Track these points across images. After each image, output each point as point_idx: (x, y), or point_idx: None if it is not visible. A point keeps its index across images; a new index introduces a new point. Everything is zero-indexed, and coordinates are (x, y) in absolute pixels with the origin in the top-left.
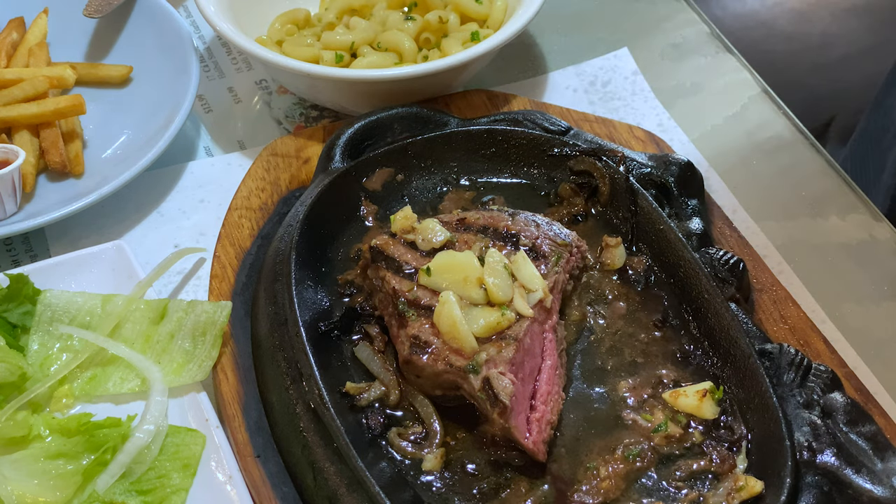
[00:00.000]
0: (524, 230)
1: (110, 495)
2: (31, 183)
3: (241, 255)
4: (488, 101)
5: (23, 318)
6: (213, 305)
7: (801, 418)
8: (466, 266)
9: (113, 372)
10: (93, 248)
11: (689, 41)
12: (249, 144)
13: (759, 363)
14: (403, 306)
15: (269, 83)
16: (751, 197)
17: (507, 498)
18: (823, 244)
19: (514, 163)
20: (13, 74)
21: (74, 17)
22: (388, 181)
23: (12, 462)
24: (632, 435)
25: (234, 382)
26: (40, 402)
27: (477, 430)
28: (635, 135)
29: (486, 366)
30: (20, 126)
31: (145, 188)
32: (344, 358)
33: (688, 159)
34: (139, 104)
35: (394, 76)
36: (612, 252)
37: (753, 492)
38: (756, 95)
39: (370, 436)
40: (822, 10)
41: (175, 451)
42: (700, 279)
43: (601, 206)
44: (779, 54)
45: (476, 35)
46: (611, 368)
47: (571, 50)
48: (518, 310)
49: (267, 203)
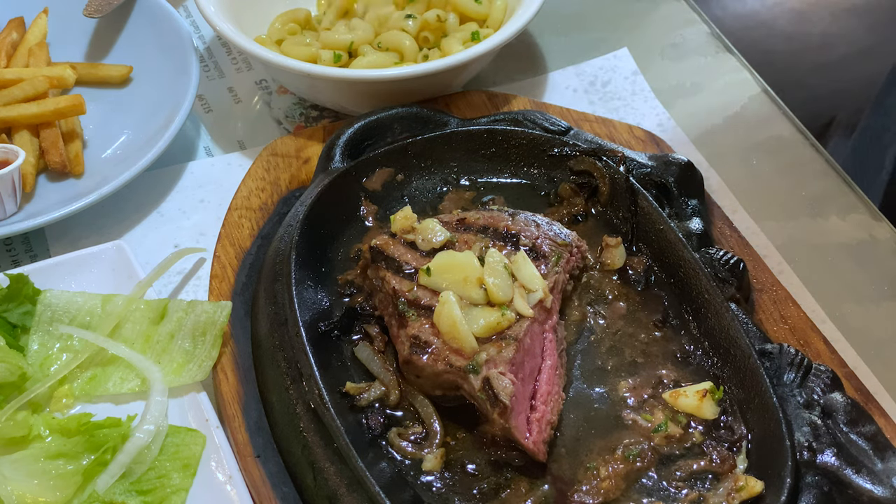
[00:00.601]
0: (524, 230)
1: (110, 495)
2: (31, 183)
3: (241, 255)
4: (488, 101)
5: (23, 318)
6: (213, 305)
7: (801, 418)
8: (466, 266)
9: (113, 372)
10: (93, 248)
11: (689, 41)
12: (249, 144)
13: (759, 363)
14: (403, 306)
15: (269, 83)
16: (751, 197)
17: (507, 498)
18: (823, 244)
19: (514, 163)
20: (13, 74)
21: (74, 17)
22: (388, 181)
23: (12, 462)
24: (632, 435)
25: (234, 382)
26: (40, 402)
27: (477, 430)
28: (635, 135)
29: (486, 366)
30: (20, 126)
31: (145, 188)
32: (344, 358)
33: (688, 159)
34: (139, 104)
35: (394, 76)
36: (612, 252)
37: (753, 492)
38: (756, 95)
39: (370, 436)
40: (822, 10)
41: (175, 451)
42: (700, 279)
43: (601, 206)
44: (779, 54)
45: (476, 35)
46: (611, 368)
47: (571, 50)
48: (518, 310)
49: (267, 203)
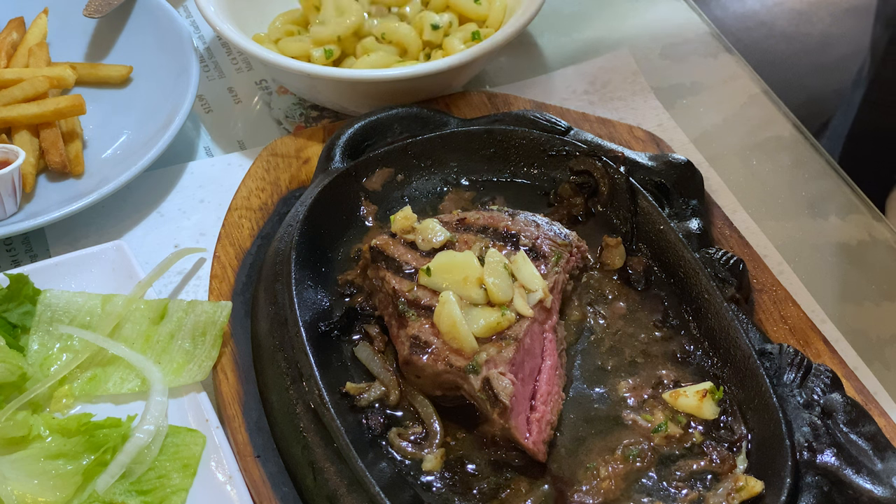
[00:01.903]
0: (524, 230)
1: (110, 495)
2: (31, 183)
3: (241, 255)
4: (488, 101)
5: (23, 318)
6: (213, 305)
7: (801, 418)
8: (466, 266)
9: (113, 372)
10: (93, 248)
11: (689, 41)
12: (249, 144)
13: (759, 363)
14: (403, 306)
15: (269, 83)
16: (751, 197)
17: (507, 498)
18: (823, 244)
19: (514, 163)
20: (13, 74)
21: (74, 17)
22: (388, 181)
23: (12, 462)
24: (632, 435)
25: (234, 382)
26: (40, 402)
27: (477, 430)
28: (635, 135)
29: (486, 366)
30: (20, 126)
31: (145, 188)
32: (344, 358)
33: (688, 159)
34: (139, 104)
35: (394, 76)
36: (612, 252)
37: (753, 492)
38: (756, 95)
39: (370, 436)
40: (822, 10)
41: (175, 452)
42: (700, 279)
43: (601, 206)
44: (779, 54)
45: (476, 35)
46: (611, 368)
47: (571, 50)
48: (518, 310)
49: (267, 203)
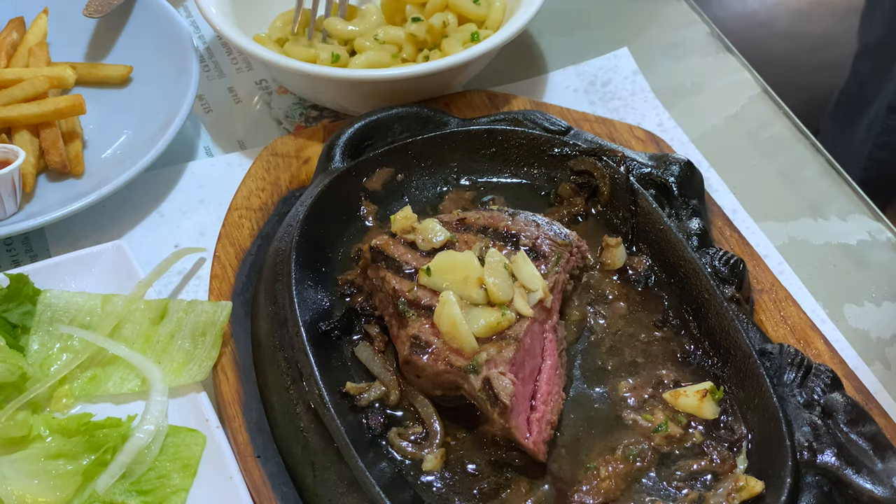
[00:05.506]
0: (524, 230)
1: (110, 495)
2: (31, 183)
3: (241, 255)
4: (488, 101)
5: (23, 318)
6: (213, 305)
7: (801, 418)
8: (466, 266)
9: (113, 372)
10: (93, 248)
11: (689, 41)
12: (249, 144)
13: (760, 363)
14: (403, 306)
15: (269, 83)
16: (751, 197)
17: (507, 498)
18: (823, 244)
19: (514, 163)
20: (13, 74)
21: (74, 17)
22: (388, 181)
23: (12, 462)
24: (632, 435)
25: (234, 382)
26: (40, 402)
27: (477, 430)
28: (635, 135)
29: (487, 366)
30: (20, 126)
31: (145, 188)
32: (344, 358)
33: (688, 159)
34: (139, 104)
35: (394, 76)
36: (612, 252)
37: (753, 492)
38: (756, 95)
39: (370, 436)
40: (822, 10)
41: (175, 452)
42: (700, 279)
43: (601, 206)
44: (779, 54)
45: (476, 35)
46: (611, 368)
47: (571, 50)
48: (518, 310)
49: (267, 203)
